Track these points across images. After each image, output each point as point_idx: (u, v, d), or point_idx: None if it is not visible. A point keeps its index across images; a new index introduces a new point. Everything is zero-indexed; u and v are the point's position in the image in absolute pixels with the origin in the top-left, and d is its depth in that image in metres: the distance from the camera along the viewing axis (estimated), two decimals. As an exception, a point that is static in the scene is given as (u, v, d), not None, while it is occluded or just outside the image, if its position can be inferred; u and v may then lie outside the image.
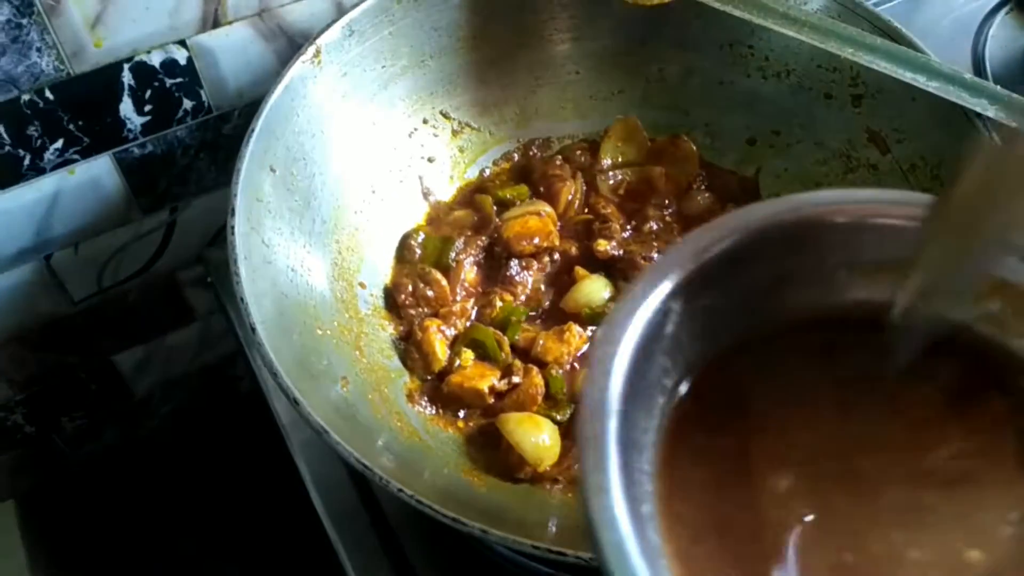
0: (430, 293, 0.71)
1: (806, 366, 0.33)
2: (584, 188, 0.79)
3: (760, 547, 0.29)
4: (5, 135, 0.71)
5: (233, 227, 0.60)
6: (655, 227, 0.76)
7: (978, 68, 0.93)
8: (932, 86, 0.67)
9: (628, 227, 0.76)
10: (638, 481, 0.29)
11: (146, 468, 1.07)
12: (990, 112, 0.65)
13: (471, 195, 0.79)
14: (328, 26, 0.71)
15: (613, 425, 0.28)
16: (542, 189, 0.78)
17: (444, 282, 0.72)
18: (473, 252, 0.74)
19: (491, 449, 0.65)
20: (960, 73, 0.67)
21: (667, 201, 0.78)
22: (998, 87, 0.67)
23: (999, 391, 0.32)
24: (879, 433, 0.31)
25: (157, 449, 1.08)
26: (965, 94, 0.66)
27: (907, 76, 0.67)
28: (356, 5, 0.72)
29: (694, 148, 0.81)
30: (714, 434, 0.31)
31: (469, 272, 0.74)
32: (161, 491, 1.07)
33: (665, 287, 0.31)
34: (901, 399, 0.32)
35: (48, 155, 0.74)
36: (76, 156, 0.76)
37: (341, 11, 0.74)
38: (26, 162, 0.73)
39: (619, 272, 0.73)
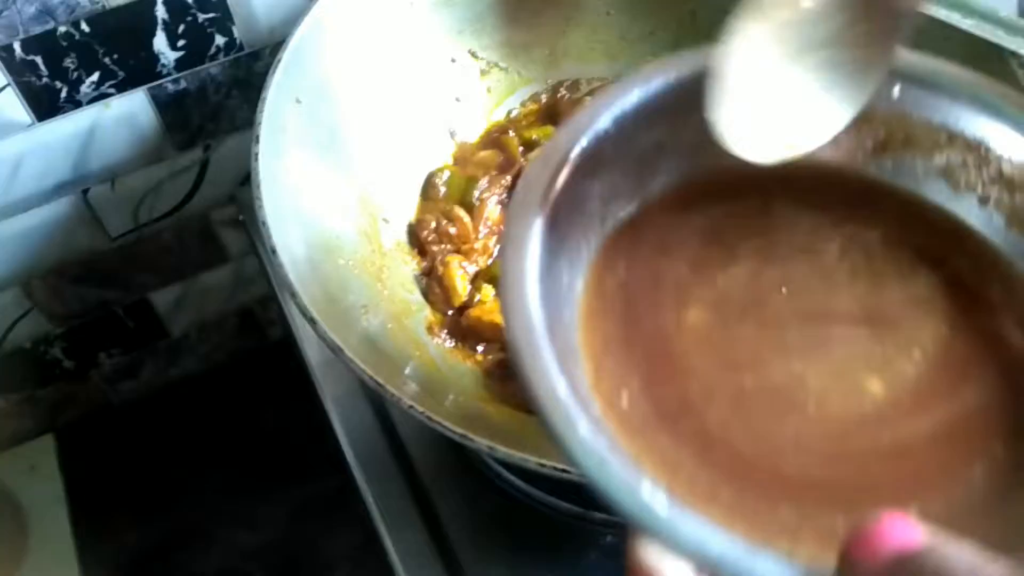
0: (453, 230, 0.72)
1: (736, 213, 0.34)
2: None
3: (665, 368, 0.30)
4: (43, 67, 0.73)
5: (257, 154, 0.60)
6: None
7: (1023, 10, 0.90)
8: (967, 24, 0.65)
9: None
10: (562, 287, 0.30)
11: (182, 407, 1.10)
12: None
13: (497, 136, 0.79)
14: (356, -39, 0.71)
15: (539, 224, 0.29)
16: None
17: (467, 219, 0.72)
18: (497, 191, 0.75)
19: (509, 382, 0.65)
20: (996, 11, 0.65)
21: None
22: (1037, 25, 0.65)
23: (922, 243, 0.34)
24: (795, 276, 0.33)
25: (193, 388, 1.10)
26: (1002, 32, 0.64)
27: (941, 13, 0.66)
28: (384, -59, 0.72)
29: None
30: (639, 263, 0.33)
31: (493, 211, 0.74)
32: (195, 430, 1.10)
33: (609, 115, 0.32)
34: (823, 247, 0.33)
35: (84, 88, 0.76)
36: (112, 90, 0.77)
37: (370, -53, 0.74)
38: (63, 94, 0.75)
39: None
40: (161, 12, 0.74)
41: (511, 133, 0.79)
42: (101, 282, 0.93)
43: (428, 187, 0.75)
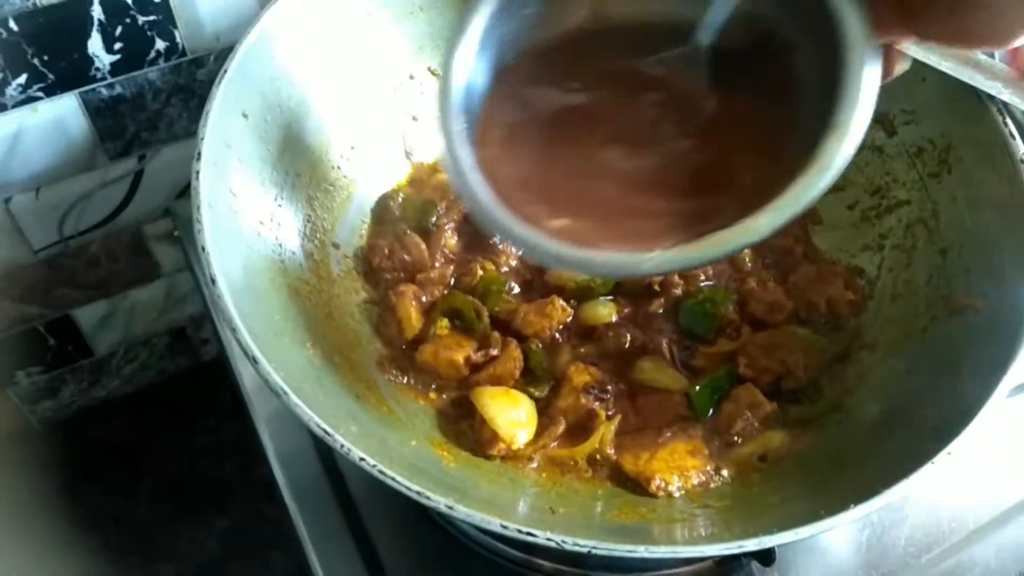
0: (407, 257, 0.68)
1: (610, 57, 0.45)
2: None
3: (527, 143, 0.44)
4: (-38, 65, 0.67)
5: (198, 172, 0.56)
6: (647, 201, 0.73)
7: (989, 54, 0.90)
8: (945, 66, 0.63)
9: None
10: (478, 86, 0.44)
11: (106, 429, 1.04)
12: (1004, 95, 0.62)
13: None
14: (313, -32, 0.66)
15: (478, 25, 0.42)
16: None
17: (423, 246, 0.68)
18: (456, 217, 0.71)
19: (464, 423, 0.61)
20: (974, 54, 0.64)
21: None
22: (1012, 69, 0.63)
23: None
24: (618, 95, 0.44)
25: (118, 410, 1.04)
26: (979, 75, 0.63)
27: (919, 54, 0.64)
28: (343, -52, 0.68)
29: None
30: (519, 84, 0.45)
31: (450, 238, 0.70)
32: (120, 453, 1.04)
33: None
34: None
35: (10, 91, 0.70)
36: (40, 94, 0.72)
37: (327, -46, 0.69)
38: (-15, 96, 0.69)
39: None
40: (97, 12, 0.69)
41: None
42: (21, 297, 0.87)
43: (382, 210, 0.71)
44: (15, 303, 0.87)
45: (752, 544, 0.46)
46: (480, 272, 0.68)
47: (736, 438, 0.60)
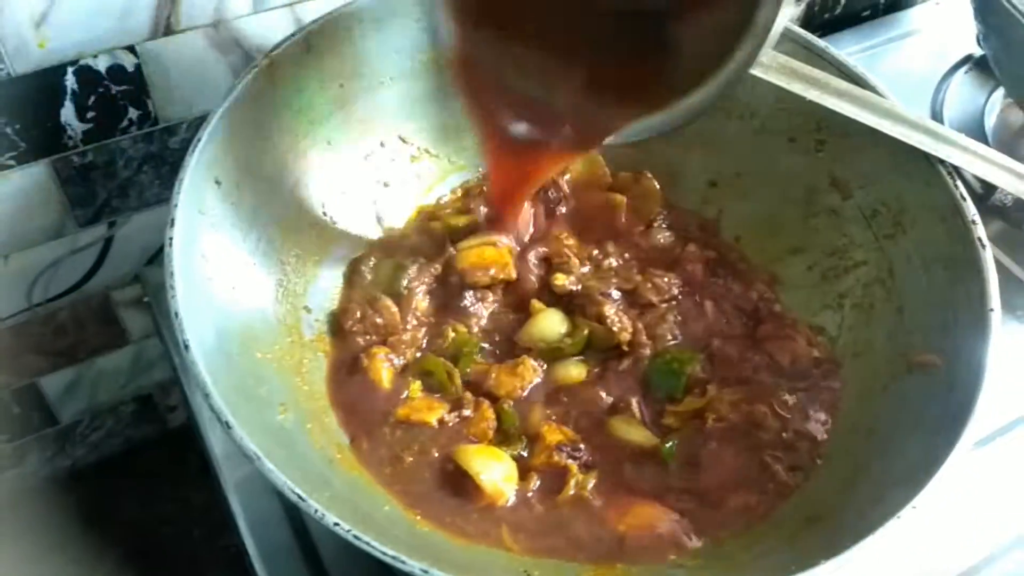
0: (379, 320, 0.68)
1: None
2: (543, 214, 0.77)
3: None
4: (-66, 134, 0.67)
5: (171, 239, 0.56)
6: (614, 263, 0.74)
7: (939, 119, 0.94)
8: (897, 131, 0.66)
9: (587, 262, 0.74)
10: None
11: (71, 499, 1.02)
12: (954, 159, 0.65)
13: (425, 222, 0.76)
14: (285, 40, 0.68)
15: None
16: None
17: (395, 309, 0.69)
18: (426, 280, 0.72)
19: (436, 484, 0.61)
20: (924, 120, 0.67)
21: (626, 235, 0.76)
22: (961, 135, 0.66)
23: None
24: None
25: (83, 479, 1.02)
26: (929, 140, 0.66)
27: (871, 120, 0.67)
28: (315, 20, 0.70)
29: (656, 186, 0.79)
30: None
31: (421, 301, 0.71)
32: (84, 524, 1.01)
33: None
34: None
35: (-20, 159, 0.70)
36: (11, 162, 0.72)
37: (299, 26, 0.71)
38: (-45, 165, 0.70)
39: (576, 307, 0.71)
40: (71, 82, 0.70)
41: (438, 220, 0.76)
42: (-15, 365, 0.86)
43: (353, 274, 0.72)
44: (-21, 371, 0.86)
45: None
46: (452, 334, 0.68)
47: (708, 496, 0.61)
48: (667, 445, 0.63)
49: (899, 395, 0.62)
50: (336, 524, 0.46)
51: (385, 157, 0.77)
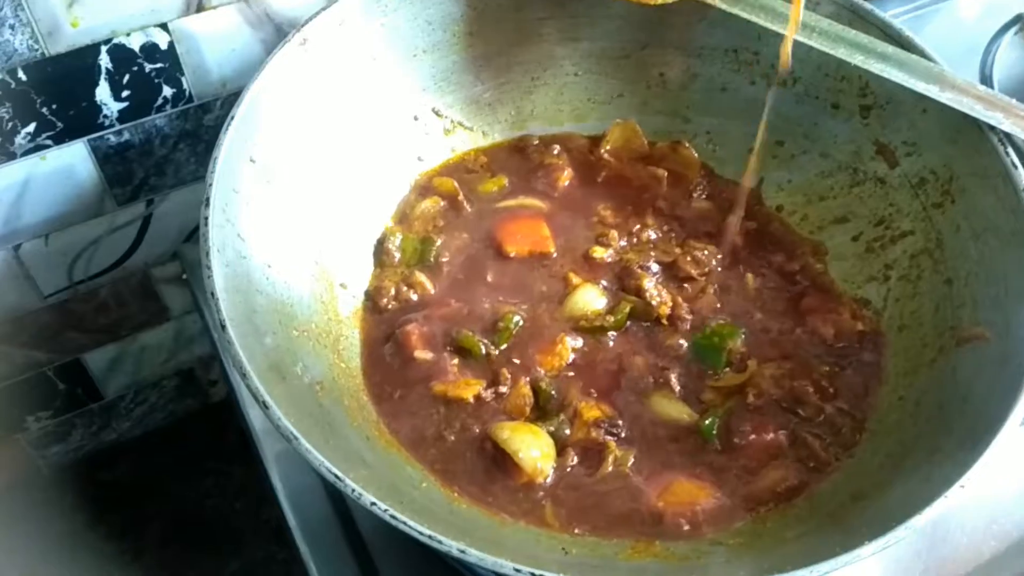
0: (414, 296, 0.68)
1: None
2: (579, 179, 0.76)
3: None
4: (-27, 116, 0.68)
5: (207, 218, 0.56)
6: (653, 236, 0.73)
7: (986, 86, 0.91)
8: (945, 97, 0.64)
9: (626, 234, 0.73)
10: None
11: (115, 472, 1.03)
12: (1005, 125, 0.62)
13: (427, 183, 0.76)
14: (317, 14, 0.67)
15: None
16: (540, 175, 0.75)
17: (428, 284, 0.69)
18: (456, 250, 0.71)
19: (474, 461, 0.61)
20: (974, 85, 0.64)
21: (665, 207, 0.75)
22: (1013, 100, 0.64)
23: None
24: None
25: (128, 453, 1.04)
26: (979, 106, 0.63)
27: (919, 86, 0.65)
28: (347, -7, 0.69)
29: (695, 155, 0.77)
30: None
31: (453, 272, 0.70)
32: (129, 497, 1.03)
33: None
34: None
35: (19, 139, 0.71)
36: (49, 142, 0.72)
37: (332, -1, 0.70)
38: (-6, 145, 0.70)
39: (615, 279, 0.70)
40: (105, 62, 0.70)
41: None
42: (31, 342, 0.87)
43: (381, 253, 0.71)
44: (24, 349, 0.87)
45: (766, 582, 0.45)
46: (488, 308, 0.68)
47: (748, 473, 0.60)
48: (706, 421, 0.62)
49: (947, 370, 0.60)
50: (373, 504, 0.46)
51: (419, 131, 0.76)
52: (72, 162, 0.75)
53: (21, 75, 0.67)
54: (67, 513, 1.02)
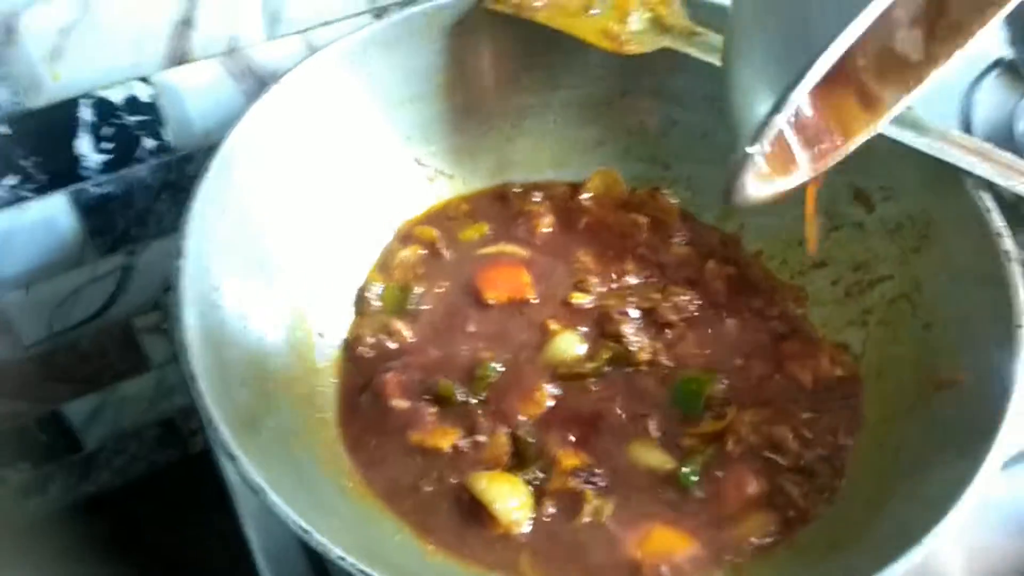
0: (392, 345, 0.68)
1: None
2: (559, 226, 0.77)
3: None
4: (-47, 168, 0.68)
5: (180, 268, 0.56)
6: (633, 281, 0.73)
7: (966, 129, 0.91)
8: (921, 143, 0.64)
9: (606, 280, 0.73)
10: None
11: (95, 523, 1.02)
12: (979, 170, 0.63)
13: (408, 231, 0.76)
14: (297, 64, 0.68)
15: None
16: (520, 222, 0.76)
17: (407, 332, 0.69)
18: (436, 298, 0.71)
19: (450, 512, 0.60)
20: (949, 130, 0.65)
21: (645, 252, 0.75)
22: (988, 144, 0.64)
23: None
24: None
25: (107, 504, 1.03)
26: (955, 151, 0.64)
27: (894, 132, 0.65)
28: (327, 45, 0.70)
29: (673, 203, 0.78)
30: None
31: (432, 320, 0.70)
32: (109, 548, 1.02)
33: None
34: None
35: (0, 192, 0.71)
36: (30, 193, 0.72)
37: (312, 51, 0.71)
38: (-25, 198, 0.70)
39: (595, 325, 0.70)
40: (86, 114, 0.70)
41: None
42: (11, 393, 0.86)
43: (360, 302, 0.71)
44: (5, 399, 0.87)
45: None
46: (466, 356, 0.68)
47: (727, 522, 0.59)
48: (684, 470, 0.61)
49: (925, 414, 0.60)
50: (341, 558, 0.45)
51: (401, 180, 0.76)
52: (53, 213, 0.75)
53: (3, 128, 0.68)
54: (45, 565, 1.00)
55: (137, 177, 0.76)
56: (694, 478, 0.61)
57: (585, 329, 0.70)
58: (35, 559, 0.97)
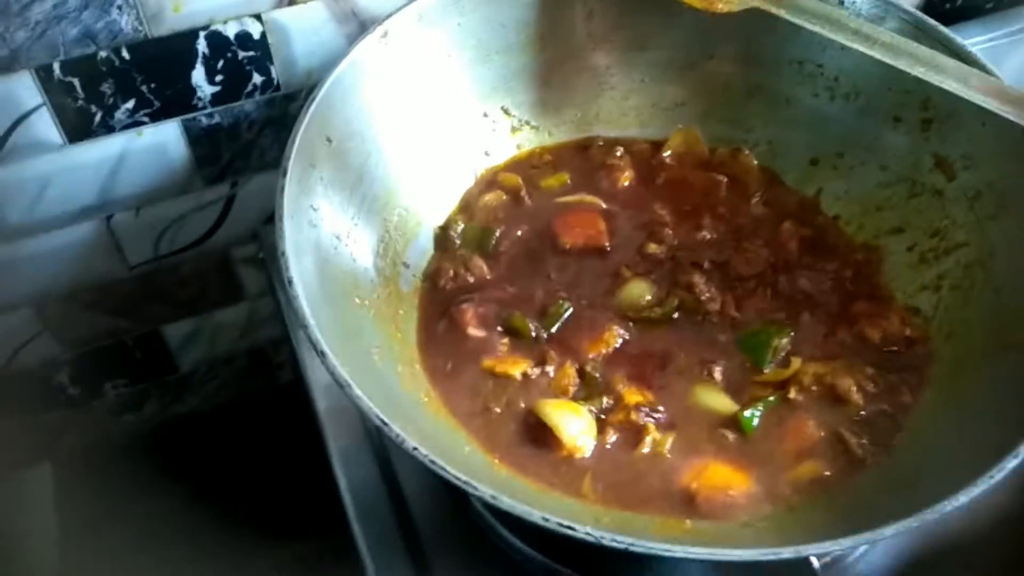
0: (471, 278, 0.71)
1: None
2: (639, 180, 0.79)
3: None
4: (80, 90, 0.73)
5: (283, 186, 0.60)
6: (708, 236, 0.75)
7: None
8: (1005, 110, 0.64)
9: (681, 233, 0.75)
10: None
11: (183, 444, 1.08)
12: (1063, 139, 0.63)
13: (493, 178, 0.79)
14: (398, 10, 0.72)
15: None
16: (601, 174, 0.78)
17: (485, 268, 0.72)
18: (515, 240, 0.74)
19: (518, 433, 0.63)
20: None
21: (723, 210, 0.77)
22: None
23: None
24: None
25: (196, 426, 1.08)
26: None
27: (979, 99, 0.65)
28: (428, -8, 0.73)
29: (755, 163, 0.79)
30: None
31: (509, 260, 0.73)
32: (193, 470, 1.08)
33: None
34: None
35: (119, 114, 0.76)
36: (145, 119, 0.78)
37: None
38: (97, 119, 0.76)
39: (667, 274, 0.72)
40: (202, 46, 0.75)
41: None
42: (114, 310, 0.93)
43: (442, 239, 0.75)
44: (108, 316, 0.93)
45: (788, 552, 0.47)
46: (540, 295, 0.70)
47: (783, 464, 0.61)
48: (746, 414, 0.63)
49: (989, 378, 0.60)
50: (415, 448, 0.49)
51: (487, 127, 0.80)
52: (166, 140, 0.80)
53: (125, 54, 0.73)
54: (134, 482, 1.06)
55: (244, 111, 0.81)
56: (755, 422, 0.63)
57: (657, 277, 0.72)
58: (124, 473, 1.03)
